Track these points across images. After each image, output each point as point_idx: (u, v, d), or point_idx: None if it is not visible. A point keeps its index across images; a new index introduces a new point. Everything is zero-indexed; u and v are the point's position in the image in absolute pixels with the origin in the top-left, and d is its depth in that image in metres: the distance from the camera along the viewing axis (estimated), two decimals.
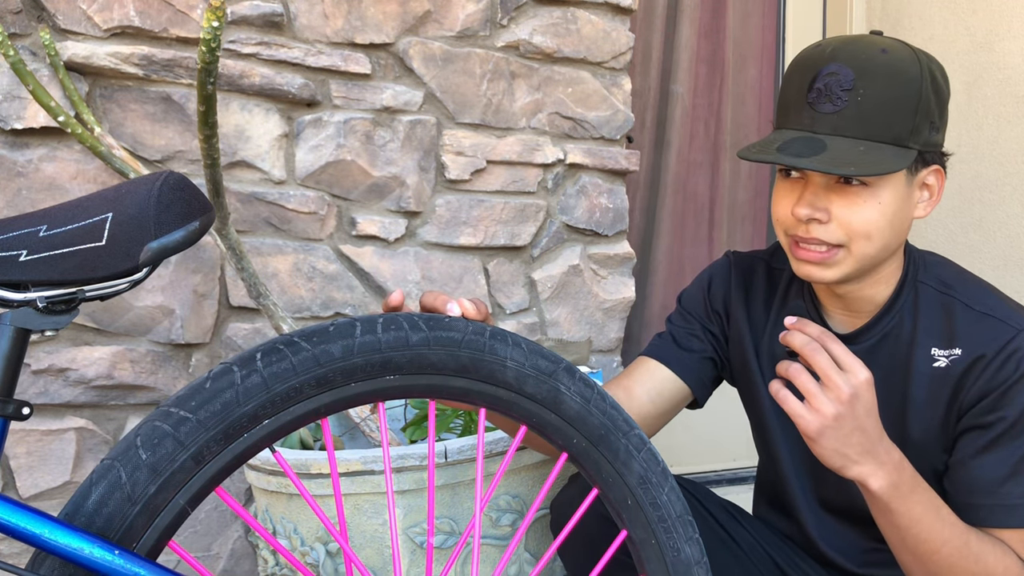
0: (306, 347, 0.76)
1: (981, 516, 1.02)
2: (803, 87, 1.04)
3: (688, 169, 2.51)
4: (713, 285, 1.27)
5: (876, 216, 1.02)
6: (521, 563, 1.31)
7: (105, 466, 0.70)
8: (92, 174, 1.50)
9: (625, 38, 1.95)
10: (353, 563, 0.79)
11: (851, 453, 0.95)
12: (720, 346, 1.25)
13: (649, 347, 1.27)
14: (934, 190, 1.08)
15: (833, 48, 1.03)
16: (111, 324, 1.52)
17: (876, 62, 1.01)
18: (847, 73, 1.00)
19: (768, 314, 1.22)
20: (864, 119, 1.00)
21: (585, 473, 0.88)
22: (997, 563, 0.99)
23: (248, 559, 1.65)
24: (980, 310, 1.06)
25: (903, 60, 1.02)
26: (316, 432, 1.48)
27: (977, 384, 1.03)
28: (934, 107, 1.03)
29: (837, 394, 0.92)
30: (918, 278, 1.11)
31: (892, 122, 1.00)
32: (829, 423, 0.93)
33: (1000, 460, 1.02)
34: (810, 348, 0.94)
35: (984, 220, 2.29)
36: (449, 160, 1.78)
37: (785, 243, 1.09)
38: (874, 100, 1.00)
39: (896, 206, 1.03)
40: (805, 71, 1.04)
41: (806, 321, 0.96)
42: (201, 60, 1.09)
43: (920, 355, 1.08)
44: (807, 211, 1.02)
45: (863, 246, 1.03)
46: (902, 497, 0.97)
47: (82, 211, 0.69)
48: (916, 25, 2.45)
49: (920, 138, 1.02)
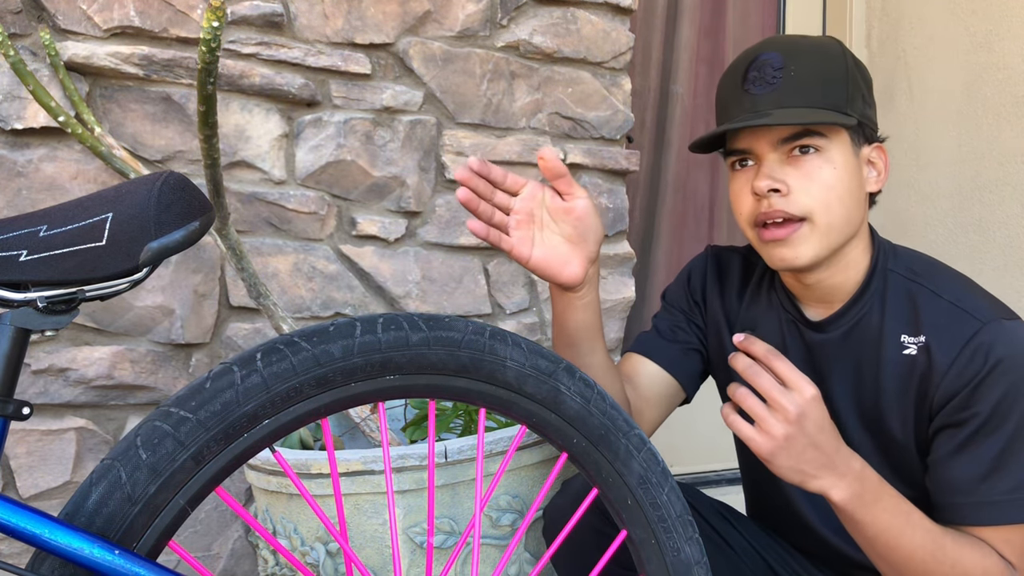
0: (306, 347, 0.76)
1: (961, 515, 1.01)
2: (737, 81, 1.09)
3: (688, 169, 2.51)
4: (693, 278, 1.29)
5: (832, 180, 1.05)
6: (521, 563, 1.31)
7: (105, 466, 0.70)
8: (92, 174, 1.50)
9: (625, 38, 1.95)
10: (353, 563, 0.79)
11: (808, 469, 0.95)
12: (704, 337, 1.27)
13: (635, 343, 1.27)
14: (879, 167, 1.11)
15: (760, 43, 1.10)
16: (111, 324, 1.52)
17: (800, 45, 1.08)
18: (775, 56, 1.06)
19: (740, 305, 1.24)
20: (800, 90, 1.04)
21: (585, 473, 0.88)
22: (975, 566, 0.98)
23: (248, 559, 1.65)
24: (947, 299, 1.06)
25: (824, 42, 1.09)
26: (316, 432, 1.48)
27: (946, 380, 1.02)
28: (861, 83, 1.08)
29: (784, 415, 0.93)
30: (887, 266, 1.12)
31: (827, 91, 1.05)
32: (780, 444, 0.94)
33: (976, 457, 1.01)
34: (752, 371, 0.95)
35: (984, 220, 2.29)
36: (449, 160, 1.78)
37: (753, 236, 1.11)
38: (806, 73, 1.05)
39: (849, 174, 1.06)
40: (736, 69, 1.10)
41: (753, 339, 0.97)
42: (201, 60, 1.09)
43: (890, 343, 1.08)
44: (766, 182, 1.05)
45: (825, 215, 1.05)
46: (866, 506, 0.97)
47: (82, 211, 0.69)
48: (916, 25, 2.45)
49: (856, 107, 1.06)
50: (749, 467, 1.28)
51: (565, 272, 1.06)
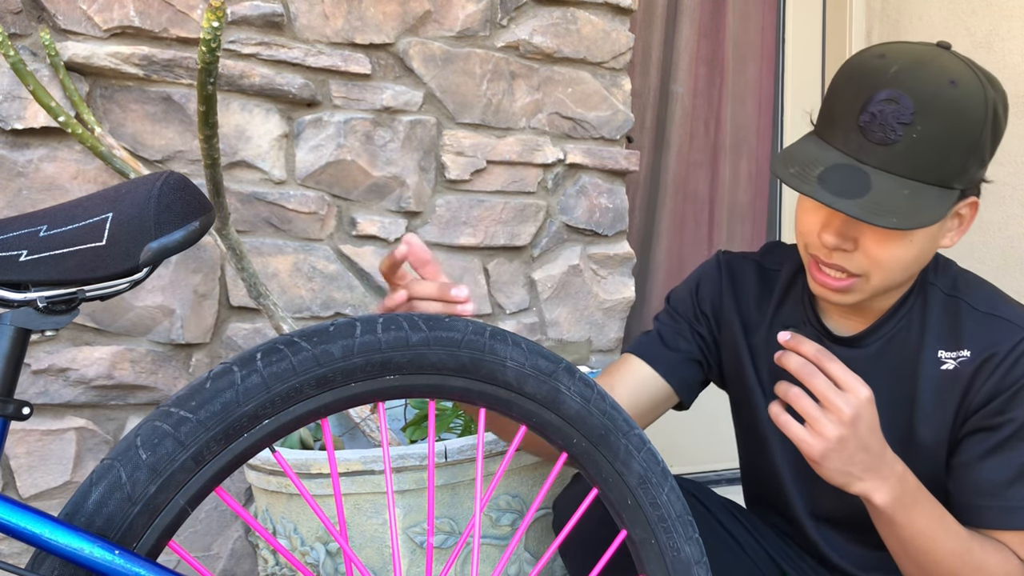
0: (306, 347, 0.76)
1: (985, 518, 1.01)
2: (856, 105, 0.95)
3: (688, 169, 2.51)
4: (702, 287, 1.23)
5: (904, 254, 0.98)
6: (521, 563, 1.31)
7: (105, 466, 0.70)
8: (92, 174, 1.50)
9: (625, 38, 1.95)
10: (353, 563, 0.79)
11: (855, 471, 0.93)
12: (708, 349, 1.22)
13: (634, 344, 1.23)
14: (965, 220, 1.03)
15: (898, 69, 0.94)
16: (111, 324, 1.52)
17: (941, 98, 0.93)
18: (907, 104, 0.92)
19: (763, 316, 1.19)
20: (915, 158, 0.93)
21: (585, 473, 0.88)
22: (999, 568, 0.98)
23: (248, 559, 1.65)
24: (985, 311, 1.05)
25: (970, 98, 0.94)
26: (316, 432, 1.48)
27: (986, 386, 1.02)
28: (988, 146, 0.97)
29: (839, 416, 0.91)
30: (928, 280, 1.09)
31: (943, 164, 0.94)
32: (833, 446, 0.91)
33: (1007, 462, 1.01)
34: (806, 371, 0.92)
35: (984, 220, 2.29)
36: (449, 160, 1.78)
37: (805, 258, 1.06)
38: (930, 140, 0.93)
39: (927, 243, 1.00)
40: (861, 86, 0.96)
41: (801, 338, 0.93)
42: (201, 60, 1.09)
43: (928, 358, 1.07)
44: (835, 240, 0.98)
45: (884, 279, 1.00)
46: (905, 509, 0.96)
47: (82, 211, 0.69)
48: (916, 25, 2.45)
49: (966, 177, 0.97)
50: (750, 453, 1.27)
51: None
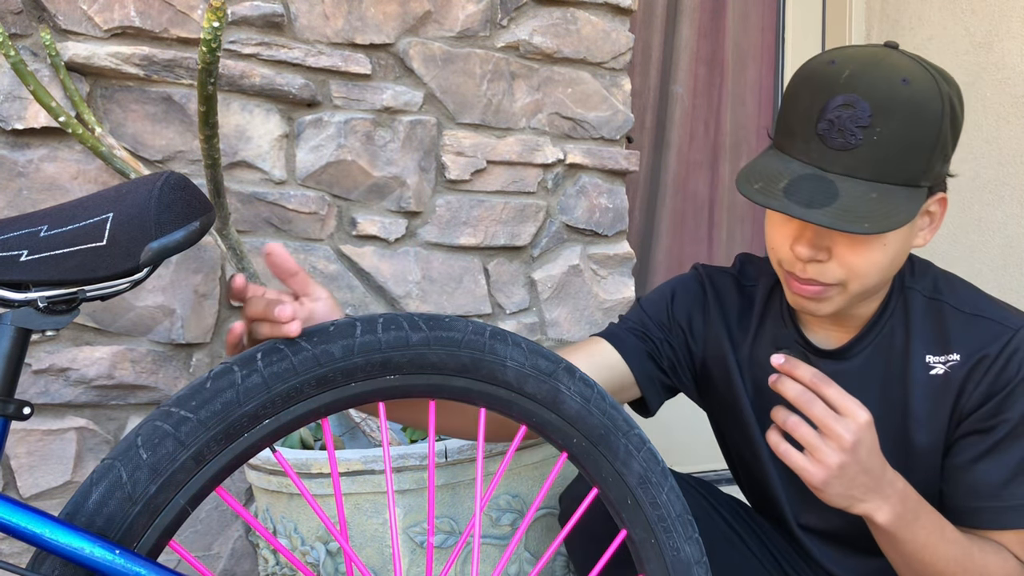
0: (306, 347, 0.76)
1: (983, 519, 1.01)
2: (812, 113, 0.94)
3: (688, 169, 2.51)
4: (678, 296, 1.20)
5: (880, 258, 0.97)
6: (521, 563, 1.32)
7: (106, 466, 0.70)
8: (93, 174, 1.50)
9: (625, 38, 1.95)
10: (353, 562, 0.79)
11: (857, 494, 0.93)
12: (676, 358, 1.19)
13: (603, 330, 1.21)
14: (936, 217, 1.03)
15: (850, 73, 0.93)
16: (112, 324, 1.52)
17: (897, 98, 0.92)
18: (864, 107, 0.91)
19: (746, 332, 1.17)
20: (878, 160, 0.92)
21: (585, 473, 0.89)
22: (999, 570, 0.98)
23: (248, 559, 1.65)
24: (969, 312, 1.04)
25: (924, 93, 0.92)
26: (316, 432, 1.48)
27: (979, 388, 1.01)
28: (949, 140, 0.96)
29: (839, 443, 0.90)
30: (905, 284, 1.08)
31: (907, 163, 0.93)
32: (835, 473, 0.91)
33: (1002, 463, 1.01)
34: (804, 399, 0.91)
35: (983, 220, 2.29)
36: (449, 160, 1.78)
37: (780, 273, 1.05)
38: (891, 140, 0.92)
39: (900, 244, 0.99)
40: (816, 93, 0.95)
41: (796, 362, 0.92)
42: (202, 60, 1.10)
43: (915, 364, 1.06)
44: (808, 252, 0.97)
45: (860, 284, 0.99)
46: (908, 525, 0.95)
47: (83, 211, 0.69)
48: (915, 25, 2.45)
49: (932, 174, 0.96)
50: (744, 463, 1.26)
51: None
